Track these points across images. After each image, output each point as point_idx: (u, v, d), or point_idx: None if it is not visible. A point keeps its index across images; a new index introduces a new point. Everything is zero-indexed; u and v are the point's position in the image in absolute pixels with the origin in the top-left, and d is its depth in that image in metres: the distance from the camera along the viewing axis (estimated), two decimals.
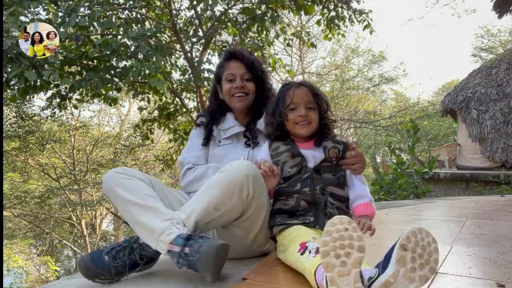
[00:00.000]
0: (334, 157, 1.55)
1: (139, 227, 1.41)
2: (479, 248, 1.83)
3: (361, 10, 6.64)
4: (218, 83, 1.91)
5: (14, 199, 10.72)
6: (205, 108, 2.03)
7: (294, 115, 1.54)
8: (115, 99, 6.58)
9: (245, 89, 1.81)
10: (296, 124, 1.54)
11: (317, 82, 17.04)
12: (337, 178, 1.55)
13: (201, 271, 1.25)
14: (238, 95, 1.81)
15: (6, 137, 10.01)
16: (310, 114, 1.54)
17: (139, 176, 1.54)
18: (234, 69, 1.83)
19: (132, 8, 6.28)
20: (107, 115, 15.76)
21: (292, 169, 1.53)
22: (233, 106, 1.85)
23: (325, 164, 1.54)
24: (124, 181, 1.49)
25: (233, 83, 1.82)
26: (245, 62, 1.83)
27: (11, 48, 4.14)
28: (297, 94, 1.55)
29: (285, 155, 1.55)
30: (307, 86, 1.58)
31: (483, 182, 7.87)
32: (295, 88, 1.57)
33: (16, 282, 10.89)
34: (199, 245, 1.27)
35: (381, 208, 3.62)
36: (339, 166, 1.56)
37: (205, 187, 1.46)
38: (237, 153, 1.80)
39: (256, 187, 1.43)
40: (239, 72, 1.82)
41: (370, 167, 21.13)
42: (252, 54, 1.92)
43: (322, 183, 1.51)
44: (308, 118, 1.53)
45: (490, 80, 9.97)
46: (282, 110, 1.56)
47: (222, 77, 1.86)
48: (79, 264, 1.42)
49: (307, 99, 1.55)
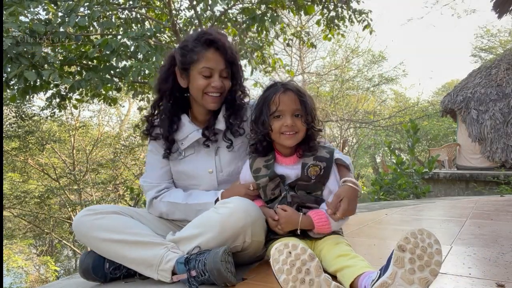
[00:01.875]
0: (313, 176, 1.43)
1: (134, 263, 1.36)
2: (478, 248, 1.83)
3: (361, 10, 6.64)
4: (184, 70, 1.54)
5: (14, 199, 10.71)
6: (153, 105, 1.64)
7: (280, 123, 1.41)
8: (114, 99, 6.58)
9: (222, 89, 1.53)
10: (281, 134, 1.42)
11: (317, 82, 17.05)
12: (313, 196, 1.45)
13: (219, 284, 1.25)
14: (213, 94, 1.52)
15: (6, 137, 10.00)
16: (296, 123, 1.41)
17: (111, 210, 1.43)
18: (213, 63, 1.50)
19: (132, 8, 6.28)
20: (107, 115, 15.75)
21: (275, 190, 1.46)
22: (203, 105, 1.56)
23: (301, 182, 1.44)
24: (98, 222, 1.38)
25: (210, 80, 1.50)
26: (226, 56, 1.52)
27: (10, 48, 4.14)
28: (283, 101, 1.41)
29: (265, 179, 1.45)
30: (294, 91, 1.43)
31: (483, 182, 7.87)
32: (281, 94, 1.42)
33: (16, 282, 10.88)
34: (203, 263, 1.26)
35: (381, 208, 3.62)
36: (317, 184, 1.44)
37: (196, 224, 1.37)
38: (203, 165, 1.58)
39: (254, 233, 1.34)
40: (219, 68, 1.51)
41: (370, 167, 21.12)
42: (229, 40, 1.59)
43: (297, 201, 1.44)
44: (294, 127, 1.41)
45: (490, 80, 9.97)
46: (265, 119, 1.42)
47: (191, 66, 1.52)
48: (80, 264, 1.42)
49: (294, 106, 1.42)
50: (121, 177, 12.48)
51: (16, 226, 12.13)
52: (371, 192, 6.09)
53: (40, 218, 11.33)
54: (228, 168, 1.59)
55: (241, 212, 1.31)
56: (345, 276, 1.17)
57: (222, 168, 1.59)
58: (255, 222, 1.34)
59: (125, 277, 1.42)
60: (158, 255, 1.33)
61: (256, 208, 1.38)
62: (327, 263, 1.29)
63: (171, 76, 1.59)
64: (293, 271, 1.02)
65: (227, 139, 1.58)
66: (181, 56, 1.53)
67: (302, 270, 1.02)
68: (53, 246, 13.01)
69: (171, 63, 1.59)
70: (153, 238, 1.39)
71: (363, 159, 20.10)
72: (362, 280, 1.10)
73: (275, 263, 1.04)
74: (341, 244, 1.36)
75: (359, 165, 20.04)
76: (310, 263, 1.03)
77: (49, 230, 11.59)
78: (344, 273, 1.19)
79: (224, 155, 1.59)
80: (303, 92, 1.45)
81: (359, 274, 1.13)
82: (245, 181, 1.53)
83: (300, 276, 1.02)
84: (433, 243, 1.00)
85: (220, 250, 1.26)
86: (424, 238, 1.01)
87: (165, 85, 1.59)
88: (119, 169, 12.60)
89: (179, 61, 1.55)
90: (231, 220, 1.30)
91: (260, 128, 1.44)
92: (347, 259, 1.23)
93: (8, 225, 12.24)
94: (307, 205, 1.45)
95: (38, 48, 4.33)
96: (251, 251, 1.41)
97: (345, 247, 1.34)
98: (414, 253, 0.99)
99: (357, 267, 1.18)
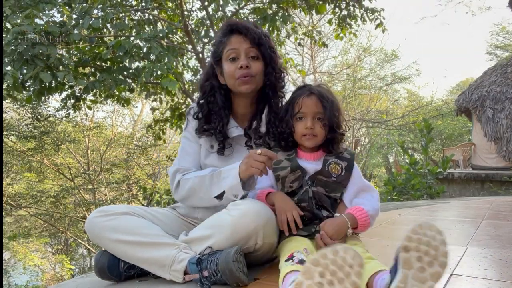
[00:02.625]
0: (334, 174, 1.47)
1: (146, 263, 1.37)
2: (495, 249, 1.80)
3: (373, 9, 6.58)
4: (217, 64, 1.55)
5: (30, 198, 10.90)
6: (197, 100, 1.61)
7: (301, 125, 1.47)
8: (128, 99, 6.66)
9: (250, 69, 1.47)
10: (302, 136, 1.48)
11: (329, 82, 16.95)
12: (331, 199, 1.47)
13: (231, 284, 1.26)
14: (243, 78, 1.47)
15: (22, 138, 10.19)
16: (316, 126, 1.46)
17: (123, 211, 1.42)
18: (236, 44, 1.49)
19: (144, 10, 6.34)
20: (120, 115, 15.92)
21: (294, 183, 1.47)
22: (238, 91, 1.52)
23: (320, 177, 1.46)
24: (110, 223, 1.38)
25: (237, 62, 1.48)
26: (251, 36, 1.48)
27: (26, 50, 4.22)
28: (305, 104, 1.47)
29: (286, 171, 1.48)
30: (317, 95, 1.48)
31: (499, 182, 7.73)
32: (305, 97, 1.48)
33: (32, 280, 11.08)
34: (215, 263, 1.26)
35: (394, 208, 3.58)
36: (337, 185, 1.47)
37: (208, 225, 1.38)
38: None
39: (265, 235, 1.33)
40: (243, 47, 1.48)
41: (383, 167, 20.92)
42: (259, 27, 1.55)
43: (317, 197, 1.45)
44: (313, 131, 1.46)
45: (506, 79, 9.78)
46: (289, 119, 1.49)
47: (222, 56, 1.52)
48: (95, 263, 1.44)
49: (316, 110, 1.46)
50: (134, 177, 12.62)
51: (33, 225, 12.34)
52: (384, 192, 6.03)
53: (55, 217, 11.50)
54: None
55: (253, 214, 1.30)
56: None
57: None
58: (267, 224, 1.33)
59: (139, 276, 1.44)
60: (170, 256, 1.33)
61: (268, 210, 1.37)
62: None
63: (213, 75, 1.57)
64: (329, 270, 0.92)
65: (266, 143, 1.57)
66: (212, 51, 1.57)
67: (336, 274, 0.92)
68: (68, 244, 13.21)
69: (211, 65, 1.59)
70: (165, 239, 1.39)
71: (376, 159, 19.92)
72: (377, 280, 1.09)
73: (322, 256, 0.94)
74: (357, 246, 1.35)
75: (372, 165, 19.88)
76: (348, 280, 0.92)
77: (64, 229, 11.76)
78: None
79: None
80: (326, 97, 1.48)
81: (375, 271, 1.12)
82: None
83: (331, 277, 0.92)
84: (435, 234, 0.97)
85: (232, 250, 1.26)
86: (425, 232, 0.97)
87: (206, 84, 1.58)
88: (132, 169, 12.74)
89: (212, 57, 1.57)
90: (243, 222, 1.29)
91: (284, 127, 1.50)
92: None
93: (25, 224, 12.47)
94: (325, 206, 1.46)
95: (53, 50, 4.41)
96: (262, 252, 1.40)
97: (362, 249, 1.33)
98: (420, 250, 0.96)
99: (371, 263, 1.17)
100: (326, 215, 1.44)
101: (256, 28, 1.52)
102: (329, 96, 1.49)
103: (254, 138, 1.57)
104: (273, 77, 1.54)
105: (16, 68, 4.30)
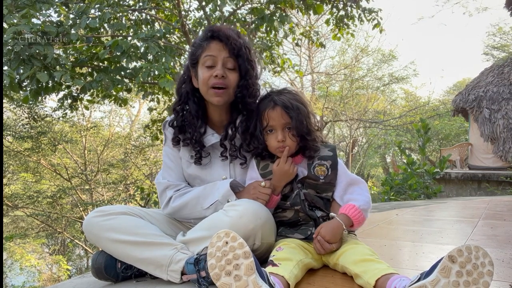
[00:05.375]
0: (321, 176, 1.45)
1: (143, 263, 1.37)
2: (491, 249, 1.81)
3: (370, 9, 6.59)
4: (193, 67, 1.52)
5: (27, 199, 10.86)
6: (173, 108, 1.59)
7: (272, 139, 1.45)
8: (125, 100, 6.64)
9: (224, 80, 1.45)
10: (276, 149, 1.46)
11: (326, 82, 16.97)
12: (323, 199, 1.47)
13: None
14: (217, 86, 1.44)
15: (19, 138, 10.16)
16: (287, 137, 1.43)
17: (121, 211, 1.42)
18: (215, 51, 1.45)
19: (142, 10, 6.33)
20: (118, 115, 15.90)
21: (285, 188, 1.47)
22: (209, 101, 1.49)
23: (309, 180, 1.46)
24: (108, 222, 1.38)
25: (213, 70, 1.44)
26: (230, 46, 1.44)
27: (23, 50, 4.20)
28: (271, 117, 1.43)
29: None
30: (281, 106, 1.43)
31: (496, 182, 7.76)
32: (270, 110, 1.44)
33: (29, 281, 11.03)
34: None
35: (392, 208, 3.59)
36: (327, 185, 1.46)
37: (206, 226, 1.38)
38: (217, 172, 1.55)
39: (264, 235, 1.35)
40: (221, 56, 1.45)
41: (380, 167, 20.96)
42: (242, 37, 1.51)
43: (309, 199, 1.46)
44: (285, 143, 1.44)
45: (503, 79, 9.82)
46: (259, 134, 1.46)
47: (198, 60, 1.49)
48: (92, 263, 1.43)
49: (283, 121, 1.43)
50: (131, 177, 12.59)
51: (29, 226, 12.29)
52: (382, 192, 6.05)
53: (52, 218, 11.46)
54: (242, 176, 1.57)
55: (251, 215, 1.31)
56: (369, 272, 1.17)
57: (236, 176, 1.56)
58: (265, 224, 1.34)
59: (136, 276, 1.44)
60: (167, 256, 1.33)
61: (266, 210, 1.37)
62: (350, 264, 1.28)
63: (188, 79, 1.56)
64: (223, 261, 1.03)
65: (242, 156, 1.54)
66: (190, 53, 1.54)
67: (231, 263, 1.03)
68: (65, 245, 13.17)
69: (187, 67, 1.57)
70: (163, 239, 1.39)
71: (373, 159, 19.94)
72: (392, 281, 1.08)
73: (211, 246, 1.06)
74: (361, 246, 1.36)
75: (369, 165, 19.90)
76: (243, 260, 1.03)
77: (61, 230, 11.73)
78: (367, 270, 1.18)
79: (238, 164, 1.57)
80: (291, 105, 1.43)
81: (386, 273, 1.12)
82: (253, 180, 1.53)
83: (228, 268, 1.03)
84: (486, 263, 0.96)
85: None
86: (478, 255, 0.96)
87: (182, 88, 1.56)
88: (130, 169, 12.71)
89: (189, 59, 1.54)
90: (241, 223, 1.29)
91: (256, 143, 1.47)
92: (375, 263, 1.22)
93: (21, 225, 12.43)
94: (318, 206, 1.46)
95: (50, 49, 4.39)
96: (261, 252, 1.41)
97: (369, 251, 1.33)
98: (464, 267, 0.95)
99: (384, 265, 1.18)
100: (320, 215, 1.45)
101: (239, 38, 1.48)
102: (293, 104, 1.44)
103: (230, 149, 1.54)
104: (245, 92, 1.48)
105: (13, 68, 4.28)
